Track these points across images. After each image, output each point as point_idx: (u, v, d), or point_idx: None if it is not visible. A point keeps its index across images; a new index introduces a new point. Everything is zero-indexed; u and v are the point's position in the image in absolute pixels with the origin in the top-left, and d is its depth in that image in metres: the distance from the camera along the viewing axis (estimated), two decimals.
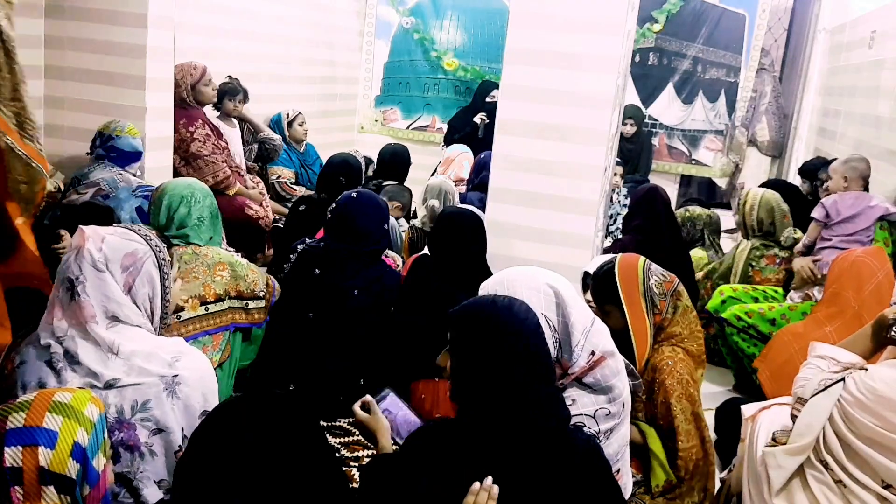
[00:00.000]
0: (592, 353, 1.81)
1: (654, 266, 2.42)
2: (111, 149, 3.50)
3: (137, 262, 1.78)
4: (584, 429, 1.78)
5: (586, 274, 2.64)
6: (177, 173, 4.02)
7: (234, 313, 2.79)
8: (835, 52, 5.95)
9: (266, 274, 3.01)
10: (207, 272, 2.69)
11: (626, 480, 1.99)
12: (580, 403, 1.80)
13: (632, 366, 2.18)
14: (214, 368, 2.00)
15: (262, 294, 2.86)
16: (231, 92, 4.80)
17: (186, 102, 4.17)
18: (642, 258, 2.42)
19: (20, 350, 1.75)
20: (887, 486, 1.83)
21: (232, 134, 4.82)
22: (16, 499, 1.23)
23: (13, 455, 1.27)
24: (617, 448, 1.88)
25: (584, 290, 2.65)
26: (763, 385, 2.99)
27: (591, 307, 2.56)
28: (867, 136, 4.51)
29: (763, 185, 4.40)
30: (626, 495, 1.97)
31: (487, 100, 6.16)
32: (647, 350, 2.31)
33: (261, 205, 4.48)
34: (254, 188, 4.55)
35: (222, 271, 2.73)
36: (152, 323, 1.83)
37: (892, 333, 2.01)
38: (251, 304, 2.84)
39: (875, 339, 2.10)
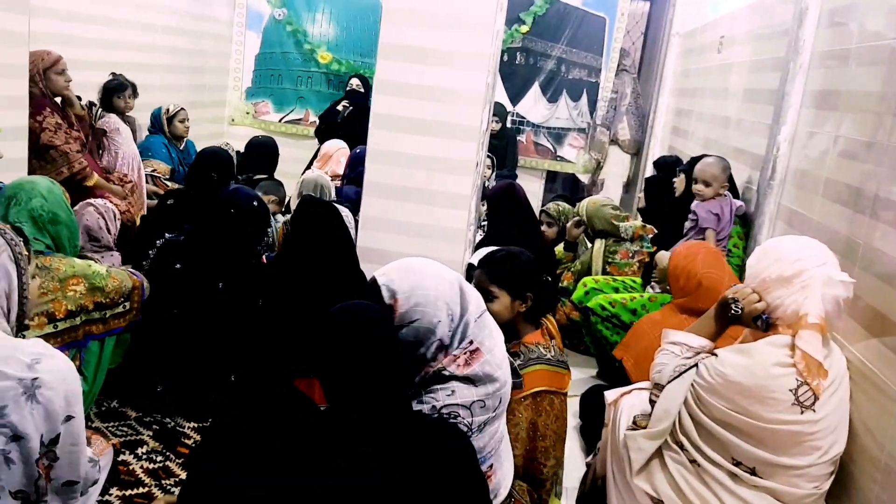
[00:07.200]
0: (471, 343, 1.83)
1: None
2: None
3: None
4: (458, 419, 1.78)
5: (470, 265, 2.71)
6: (31, 169, 3.77)
7: (89, 325, 2.63)
8: (687, 55, 6.22)
9: (133, 274, 2.87)
10: (59, 287, 2.51)
11: (500, 477, 1.96)
12: (458, 394, 1.79)
13: (514, 363, 2.17)
14: None
15: (123, 300, 2.72)
16: (118, 89, 4.61)
17: (34, 92, 3.86)
18: None
19: None
20: (737, 464, 1.98)
21: (128, 134, 4.60)
22: None
23: None
24: (488, 441, 1.87)
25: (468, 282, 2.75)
26: (629, 371, 3.12)
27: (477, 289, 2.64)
28: (716, 134, 4.80)
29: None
30: (503, 493, 1.96)
31: (347, 89, 6.31)
32: None
33: (124, 199, 4.28)
34: (115, 183, 4.34)
35: (76, 285, 2.55)
36: (8, 321, 1.73)
37: (733, 311, 2.11)
38: (109, 313, 2.69)
39: (719, 320, 2.19)
